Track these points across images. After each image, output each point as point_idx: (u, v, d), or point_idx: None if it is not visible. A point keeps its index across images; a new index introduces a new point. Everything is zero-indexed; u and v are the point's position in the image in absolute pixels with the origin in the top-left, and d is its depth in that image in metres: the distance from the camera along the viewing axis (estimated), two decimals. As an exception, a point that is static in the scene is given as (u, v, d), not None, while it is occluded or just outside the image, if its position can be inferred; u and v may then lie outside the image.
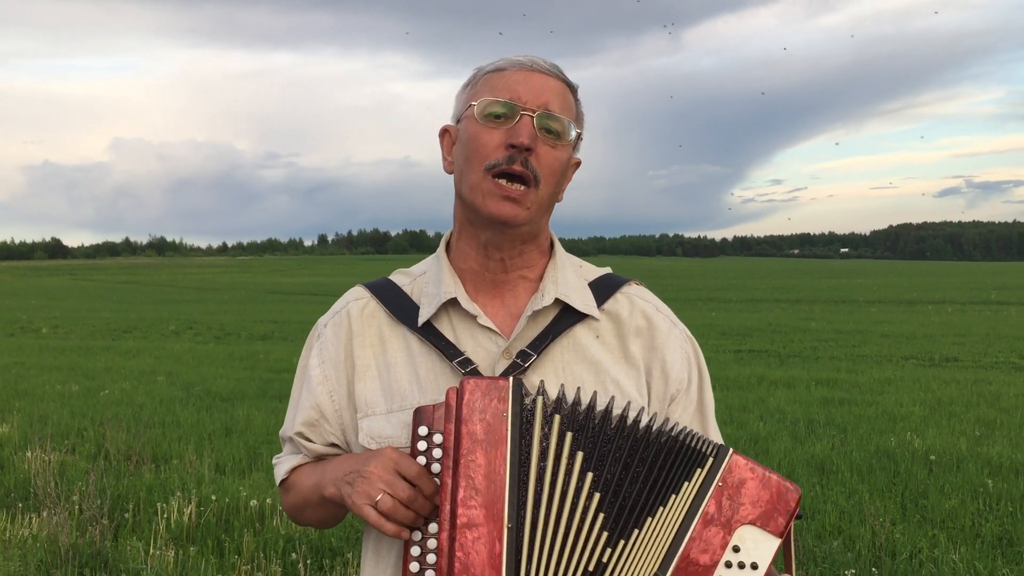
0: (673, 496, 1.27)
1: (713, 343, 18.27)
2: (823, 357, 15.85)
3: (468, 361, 1.40)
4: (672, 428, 1.31)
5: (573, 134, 1.44)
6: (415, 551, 1.31)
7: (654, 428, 1.30)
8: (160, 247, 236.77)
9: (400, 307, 1.49)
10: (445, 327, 1.45)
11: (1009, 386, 11.60)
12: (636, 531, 1.27)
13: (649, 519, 1.27)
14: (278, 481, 1.56)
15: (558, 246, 1.52)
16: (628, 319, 1.49)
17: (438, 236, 1.59)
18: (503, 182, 1.38)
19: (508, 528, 1.25)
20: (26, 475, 6.47)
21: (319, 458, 1.52)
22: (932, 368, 14.12)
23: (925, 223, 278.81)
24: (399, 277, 1.55)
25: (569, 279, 1.48)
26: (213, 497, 5.72)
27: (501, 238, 1.43)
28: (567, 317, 1.45)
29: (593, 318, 1.46)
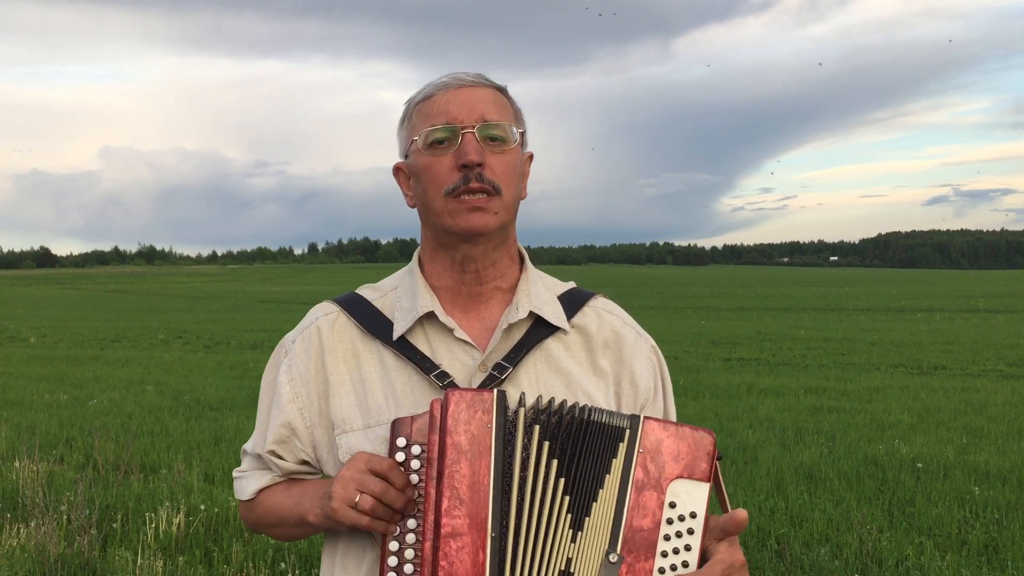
0: (607, 476, 1.31)
1: (703, 351, 18.31)
2: (812, 365, 15.90)
3: (445, 374, 1.42)
4: (588, 413, 1.33)
5: (516, 135, 1.45)
6: (392, 561, 1.31)
7: (576, 417, 1.33)
8: (149, 256, 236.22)
9: (372, 322, 1.48)
10: (420, 341, 1.46)
11: (996, 394, 11.65)
12: (587, 519, 1.30)
13: (594, 503, 1.31)
14: (243, 498, 1.54)
15: (527, 259, 1.55)
16: (596, 333, 1.53)
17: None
18: (465, 197, 1.40)
19: (492, 537, 1.28)
20: (14, 485, 6.45)
21: (289, 476, 1.52)
22: (920, 376, 14.17)
23: (914, 231, 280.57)
24: (368, 291, 1.55)
25: (541, 292, 1.51)
26: (202, 507, 5.71)
27: (475, 250, 1.45)
28: (540, 330, 1.48)
29: (563, 331, 1.50)
